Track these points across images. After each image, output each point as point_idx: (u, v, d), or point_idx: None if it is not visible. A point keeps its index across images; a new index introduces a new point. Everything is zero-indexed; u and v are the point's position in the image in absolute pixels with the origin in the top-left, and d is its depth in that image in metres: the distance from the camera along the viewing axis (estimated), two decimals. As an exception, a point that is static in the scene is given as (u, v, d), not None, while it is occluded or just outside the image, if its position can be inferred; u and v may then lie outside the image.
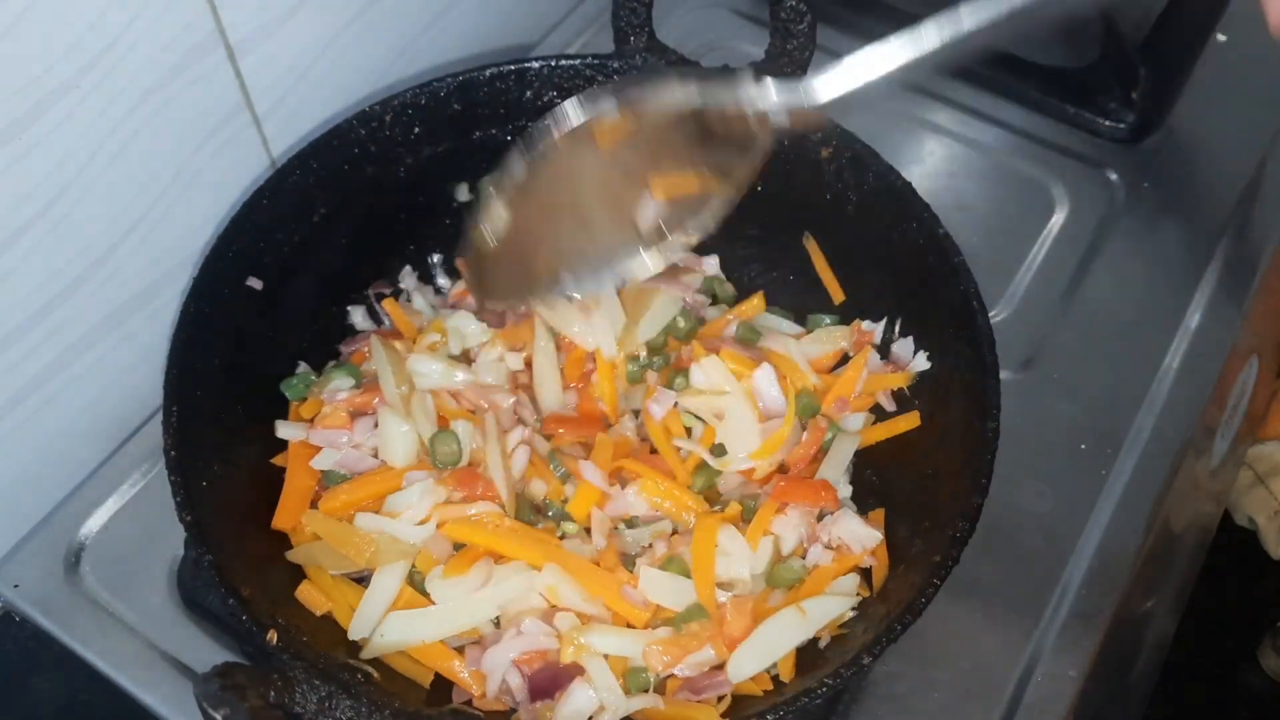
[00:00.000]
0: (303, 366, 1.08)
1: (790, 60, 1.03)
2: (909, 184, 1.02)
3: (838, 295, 1.12)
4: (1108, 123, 1.35)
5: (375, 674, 0.89)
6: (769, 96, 0.84)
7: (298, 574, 0.97)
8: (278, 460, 1.03)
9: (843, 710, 0.97)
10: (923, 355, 1.04)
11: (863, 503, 1.03)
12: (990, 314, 0.96)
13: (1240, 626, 2.11)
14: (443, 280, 1.19)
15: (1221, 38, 1.45)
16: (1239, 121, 1.38)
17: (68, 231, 0.98)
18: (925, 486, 0.97)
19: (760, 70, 1.04)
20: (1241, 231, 1.28)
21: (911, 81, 1.37)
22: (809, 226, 1.12)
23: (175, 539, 1.05)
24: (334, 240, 1.09)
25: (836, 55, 1.29)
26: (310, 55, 1.14)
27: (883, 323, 1.08)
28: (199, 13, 0.99)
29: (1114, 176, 1.33)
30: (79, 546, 1.07)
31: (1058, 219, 1.29)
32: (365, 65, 1.22)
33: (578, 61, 1.09)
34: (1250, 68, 1.43)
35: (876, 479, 1.04)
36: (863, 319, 1.09)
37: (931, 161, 1.34)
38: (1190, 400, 1.16)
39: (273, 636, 0.83)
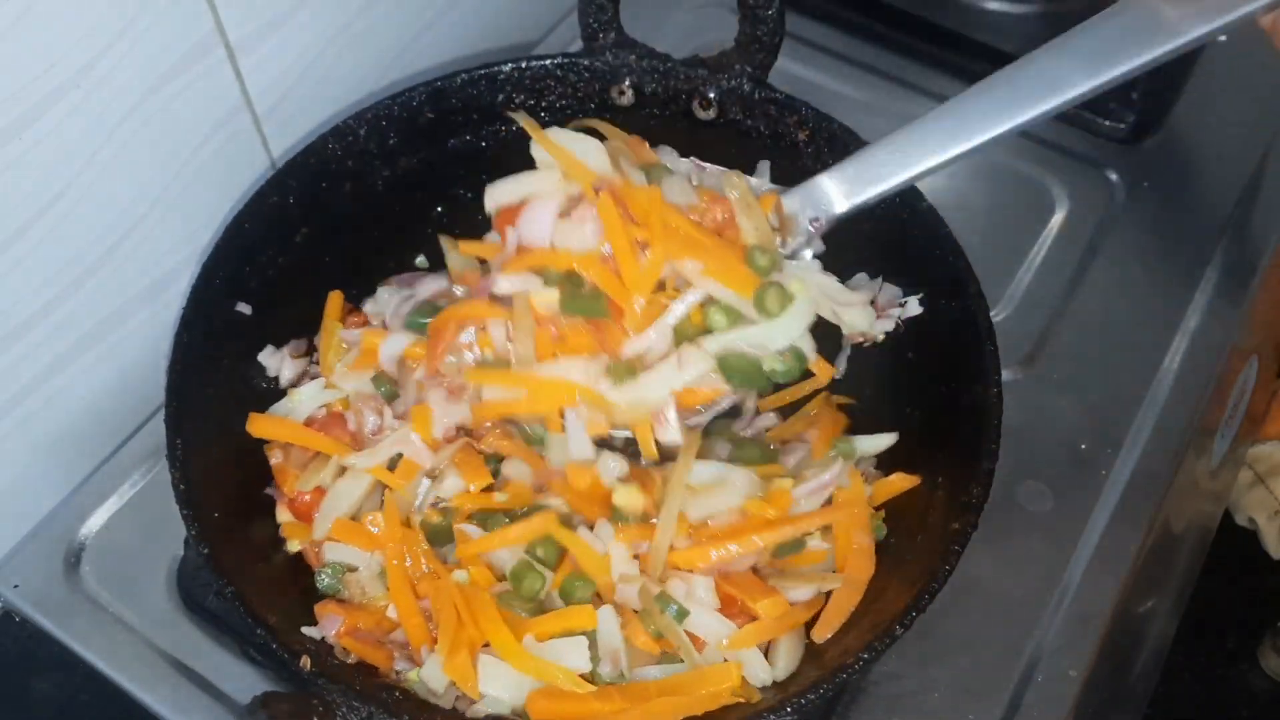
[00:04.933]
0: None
1: (760, 45, 1.03)
2: None
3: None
4: (1108, 123, 1.35)
5: (413, 690, 0.89)
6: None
7: (310, 595, 0.97)
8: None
9: (842, 710, 0.97)
10: (914, 300, 1.04)
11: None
12: (990, 314, 0.96)
13: (1240, 626, 2.11)
14: None
15: (1221, 37, 1.45)
16: (1239, 121, 1.38)
17: (69, 231, 0.98)
18: (932, 460, 0.97)
19: (728, 58, 1.05)
20: (1241, 231, 1.28)
21: (907, 80, 1.38)
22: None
23: (175, 539, 1.05)
24: (318, 259, 1.09)
25: (813, 45, 1.29)
26: (311, 54, 1.14)
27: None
28: (199, 12, 0.99)
29: (1114, 176, 1.33)
30: (79, 546, 1.07)
31: (1058, 219, 1.29)
32: (365, 65, 1.22)
33: (547, 62, 1.09)
34: (1250, 68, 1.43)
35: (881, 459, 1.04)
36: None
37: (931, 161, 1.34)
38: (1190, 400, 1.16)
39: (306, 662, 0.83)
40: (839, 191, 0.96)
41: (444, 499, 0.99)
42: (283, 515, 1.01)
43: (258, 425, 1.01)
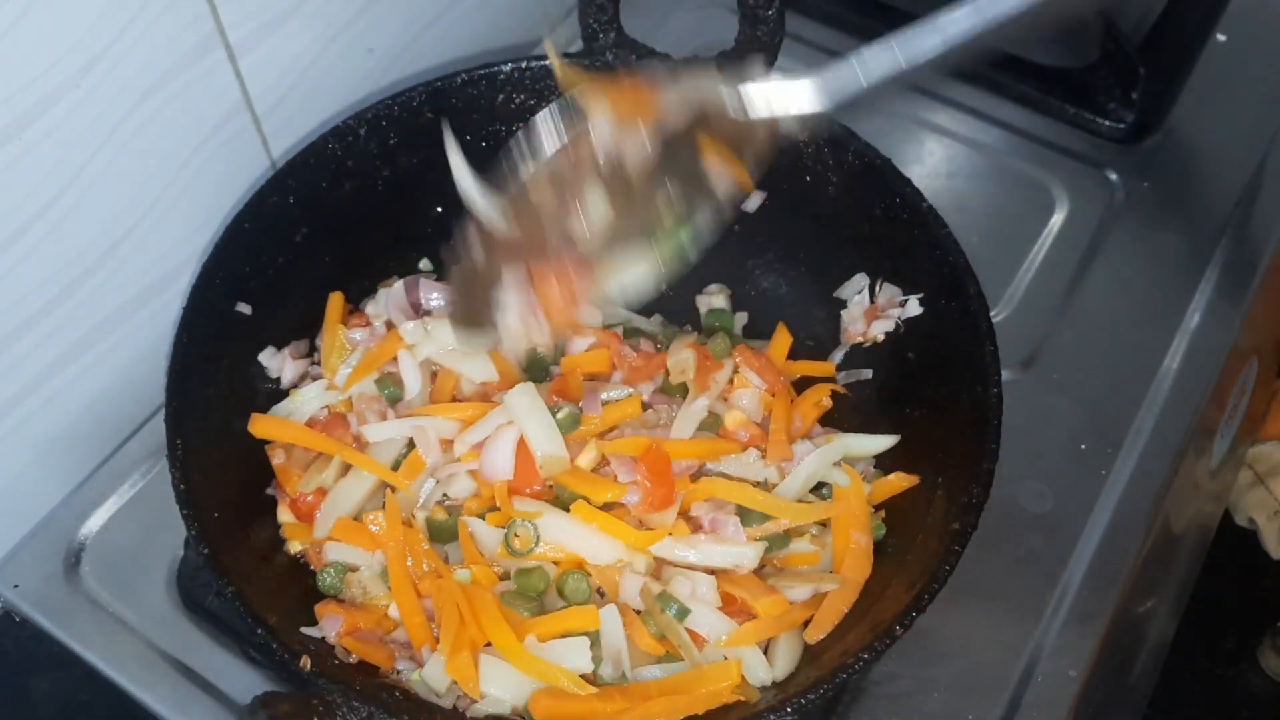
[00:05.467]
0: None
1: (759, 46, 1.03)
2: (889, 160, 1.03)
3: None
4: (1107, 123, 1.36)
5: (413, 691, 0.89)
6: (766, 104, 0.84)
7: (309, 595, 0.97)
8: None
9: (843, 710, 0.97)
10: (914, 300, 1.04)
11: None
12: (990, 314, 0.97)
13: (1240, 626, 2.11)
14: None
15: (1221, 38, 1.45)
16: (1239, 121, 1.38)
17: (68, 231, 0.98)
18: (932, 460, 0.97)
19: (732, 59, 1.05)
20: (1241, 231, 1.28)
21: (909, 82, 1.38)
22: (790, 209, 1.12)
23: (175, 539, 1.05)
24: (318, 258, 1.09)
25: (813, 45, 1.30)
26: (310, 55, 1.14)
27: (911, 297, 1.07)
28: (199, 13, 0.99)
29: (1114, 176, 1.33)
30: (79, 546, 1.07)
31: (1058, 219, 1.29)
32: (365, 65, 1.22)
33: (548, 62, 1.09)
34: (1250, 68, 1.43)
35: (881, 459, 1.05)
36: (849, 298, 1.11)
37: (931, 161, 1.34)
38: (1190, 400, 1.16)
39: (306, 662, 0.83)
40: (812, 92, 0.83)
41: (451, 499, 0.99)
42: (284, 516, 1.01)
43: (260, 425, 1.01)
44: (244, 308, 1.02)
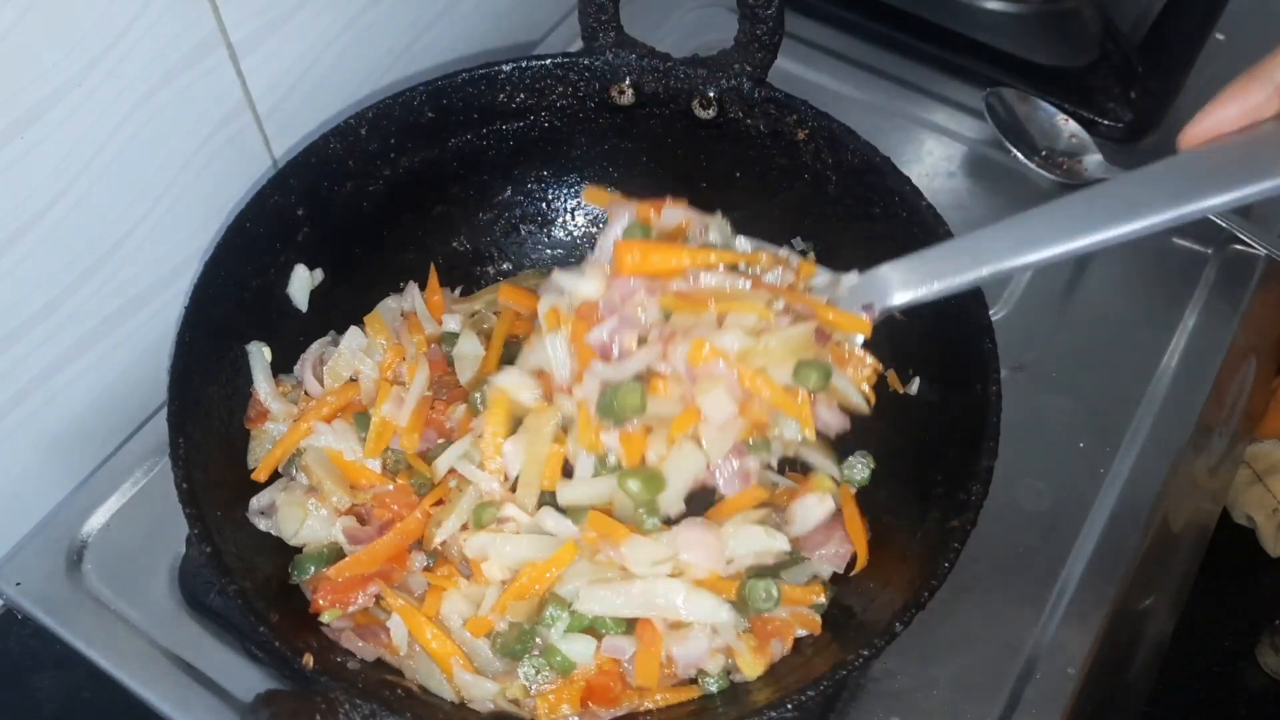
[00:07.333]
0: None
1: (759, 45, 1.03)
2: (889, 159, 1.03)
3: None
4: (1106, 122, 1.36)
5: (415, 688, 0.90)
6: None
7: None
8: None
9: (842, 708, 0.98)
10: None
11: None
12: (989, 312, 0.97)
13: (1239, 625, 2.11)
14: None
15: (1220, 37, 1.45)
16: (1237, 121, 1.38)
17: (70, 230, 0.98)
18: (931, 458, 0.98)
19: (728, 58, 1.05)
20: (1241, 231, 1.29)
21: (907, 80, 1.37)
22: (790, 208, 1.12)
23: (177, 537, 1.06)
24: (318, 258, 1.09)
25: (813, 46, 1.29)
26: (312, 54, 1.14)
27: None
28: (201, 12, 0.99)
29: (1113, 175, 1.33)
30: (81, 544, 1.07)
31: (1056, 218, 1.29)
32: (367, 64, 1.22)
33: (548, 61, 1.09)
34: (1248, 66, 1.43)
35: (877, 449, 1.05)
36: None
37: (931, 161, 1.35)
38: (1189, 398, 1.16)
39: (309, 660, 0.83)
40: (899, 281, 0.88)
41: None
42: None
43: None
44: (245, 307, 1.03)
